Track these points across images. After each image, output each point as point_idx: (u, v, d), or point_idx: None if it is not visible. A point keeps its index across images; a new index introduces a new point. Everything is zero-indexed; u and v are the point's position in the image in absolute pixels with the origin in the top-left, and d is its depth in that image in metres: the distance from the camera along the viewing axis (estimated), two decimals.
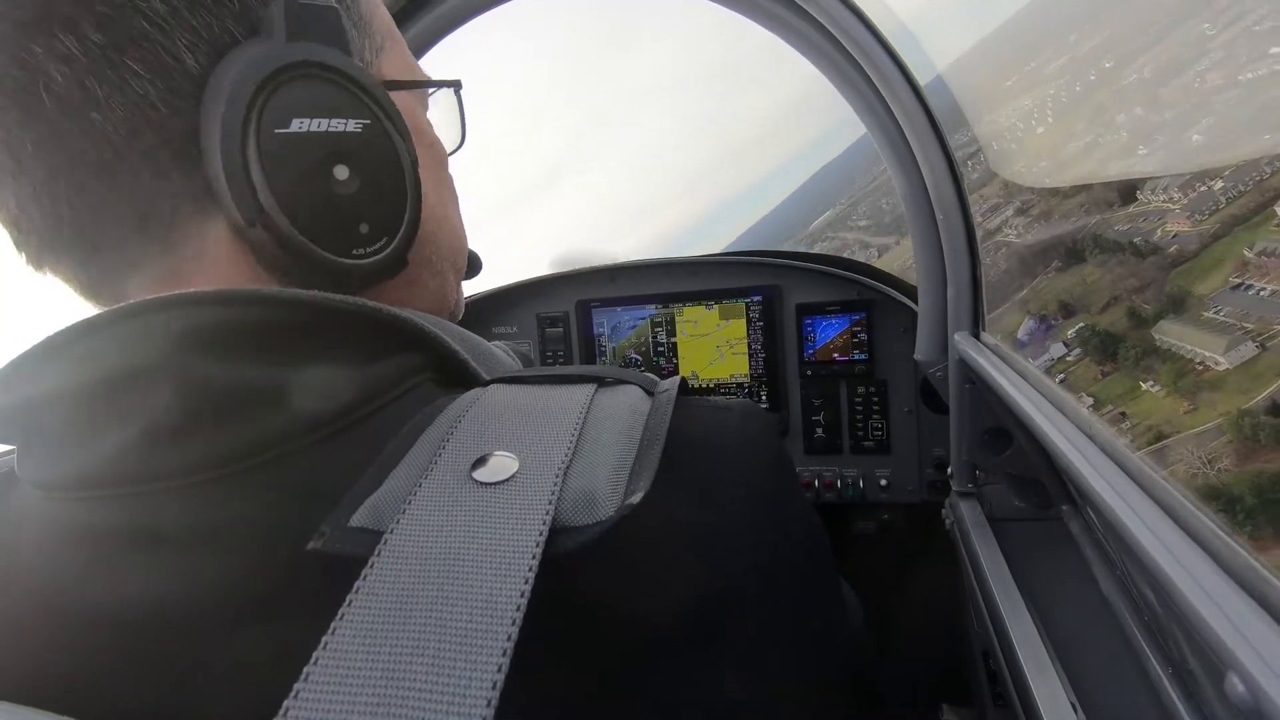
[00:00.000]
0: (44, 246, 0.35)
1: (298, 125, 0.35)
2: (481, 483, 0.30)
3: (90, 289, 0.36)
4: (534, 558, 0.27)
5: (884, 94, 0.96)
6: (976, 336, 1.01)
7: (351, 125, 0.37)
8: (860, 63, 0.95)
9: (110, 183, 0.33)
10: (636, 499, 0.29)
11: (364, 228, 0.38)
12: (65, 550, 0.31)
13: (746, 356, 1.49)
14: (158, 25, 0.32)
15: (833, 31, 0.94)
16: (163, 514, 0.31)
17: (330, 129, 0.36)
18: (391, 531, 0.28)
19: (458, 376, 0.39)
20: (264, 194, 0.34)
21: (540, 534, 0.27)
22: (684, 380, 0.39)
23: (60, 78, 0.31)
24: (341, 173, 0.37)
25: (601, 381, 0.37)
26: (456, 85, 0.47)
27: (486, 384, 0.37)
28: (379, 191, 0.39)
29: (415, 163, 0.41)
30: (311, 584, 0.29)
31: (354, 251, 0.38)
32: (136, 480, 0.31)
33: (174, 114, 0.33)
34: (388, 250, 0.40)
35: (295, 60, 0.35)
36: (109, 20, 0.31)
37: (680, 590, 0.32)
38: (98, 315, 0.31)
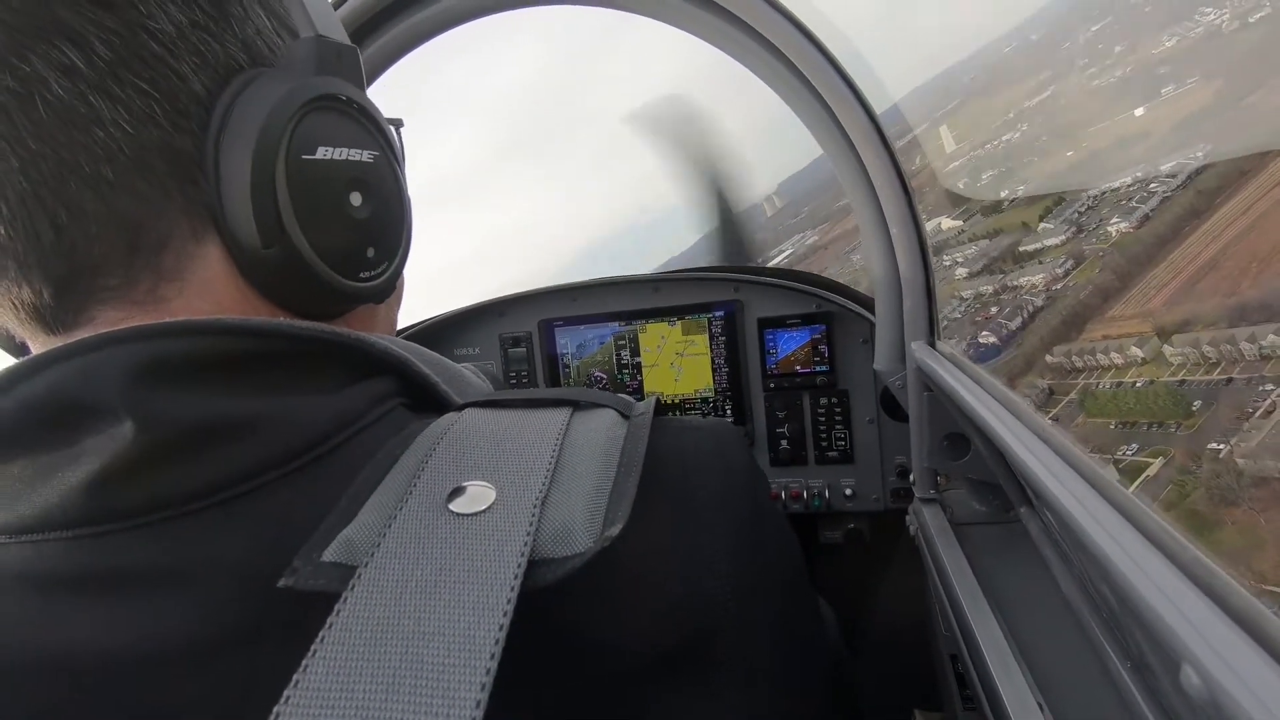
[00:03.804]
0: (4, 267, 0.33)
1: (323, 153, 0.36)
2: (458, 514, 0.29)
3: (52, 316, 0.34)
4: (512, 590, 0.26)
5: (838, 115, 0.99)
6: (932, 345, 1.04)
7: (366, 155, 0.39)
8: (816, 87, 0.97)
9: (106, 200, 0.32)
10: (615, 531, 0.29)
11: (370, 252, 0.40)
12: (14, 597, 0.30)
13: (710, 371, 1.51)
14: (165, 46, 0.32)
15: (793, 60, 0.96)
16: (125, 554, 0.29)
17: (349, 158, 0.38)
18: (366, 565, 0.27)
19: (429, 401, 0.38)
20: (288, 216, 0.35)
21: (519, 566, 0.27)
22: (659, 401, 0.39)
23: (61, 90, 0.30)
24: (356, 199, 0.38)
25: (577, 405, 0.37)
26: (399, 124, 0.50)
27: (460, 408, 0.36)
28: (384, 218, 0.40)
29: (408, 191, 0.43)
30: (284, 620, 0.28)
31: (361, 275, 0.39)
32: (95, 520, 0.29)
33: (178, 133, 0.33)
34: (388, 273, 0.41)
35: (327, 92, 0.36)
36: (117, 38, 0.31)
37: (662, 616, 0.32)
38: (54, 349, 0.30)
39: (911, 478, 1.16)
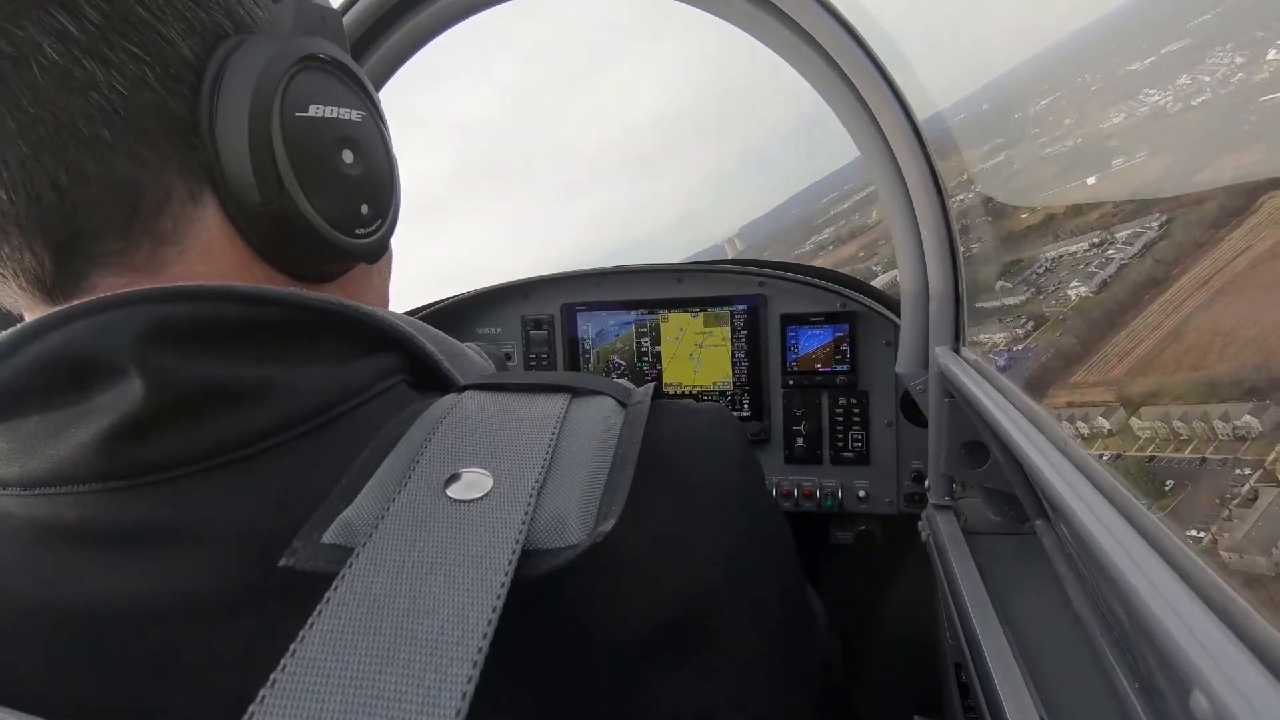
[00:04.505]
0: (6, 232, 0.33)
1: (315, 110, 0.37)
2: (455, 500, 0.30)
3: (53, 283, 0.34)
4: (506, 574, 0.27)
5: (874, 112, 0.97)
6: (957, 351, 1.02)
7: (354, 114, 0.39)
8: (854, 81, 0.96)
9: (105, 162, 0.32)
10: (608, 526, 0.29)
11: (364, 209, 0.40)
12: (27, 548, 0.31)
13: (730, 365, 1.50)
14: (152, 12, 0.33)
15: (838, 61, 0.95)
16: (133, 511, 0.30)
17: (339, 116, 0.38)
18: (364, 545, 0.28)
19: (432, 378, 0.39)
20: (285, 172, 0.35)
21: (513, 552, 0.28)
22: (657, 386, 0.40)
23: (55, 54, 0.31)
24: (348, 156, 0.39)
25: (575, 391, 0.37)
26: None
27: (462, 389, 0.37)
28: (375, 176, 0.41)
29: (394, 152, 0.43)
30: (286, 584, 0.29)
31: (356, 231, 0.40)
32: (104, 477, 0.30)
33: (170, 96, 0.33)
34: (381, 231, 0.42)
35: (314, 52, 0.37)
36: (107, 3, 0.31)
37: (656, 601, 0.32)
38: (63, 310, 0.31)
39: (927, 483, 1.15)
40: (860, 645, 1.60)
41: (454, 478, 0.31)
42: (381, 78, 1.09)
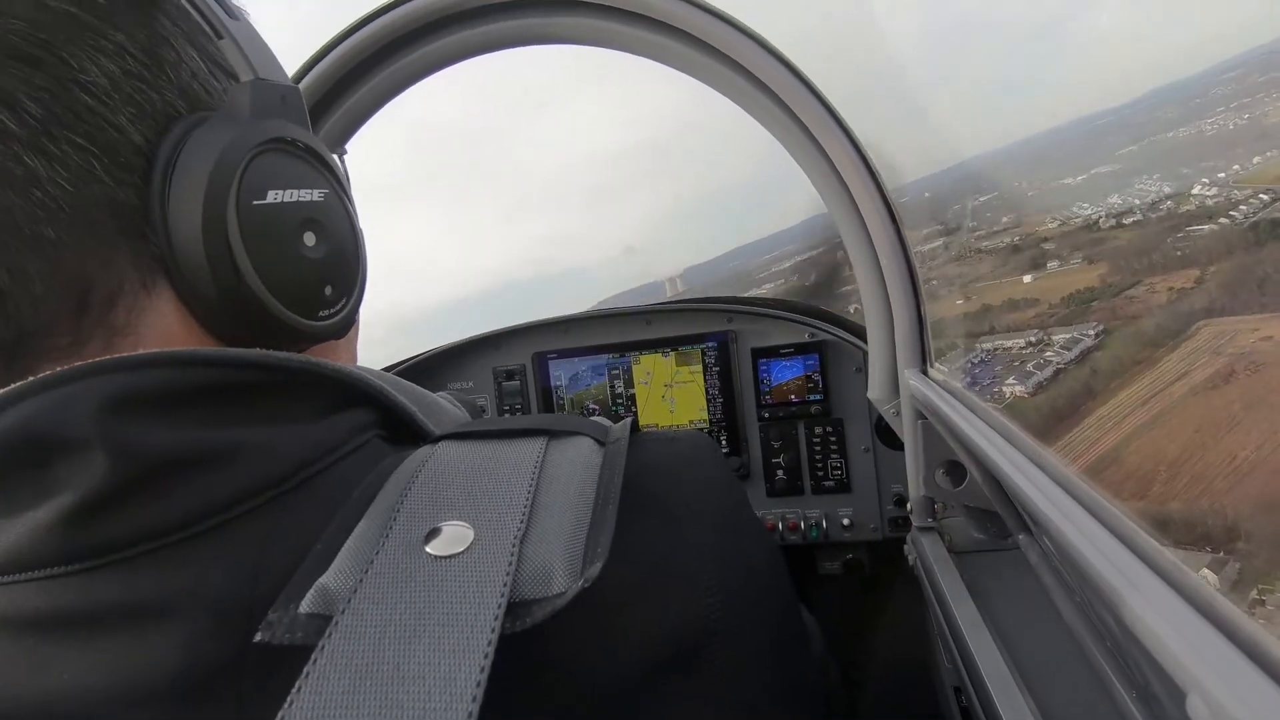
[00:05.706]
0: None
1: (273, 196, 0.36)
2: (436, 556, 0.29)
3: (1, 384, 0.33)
4: (493, 631, 0.26)
5: (822, 144, 1.01)
6: (924, 373, 1.04)
7: (316, 194, 0.38)
8: (795, 112, 0.99)
9: (50, 260, 0.31)
10: (595, 571, 0.29)
11: (328, 290, 0.39)
12: None
13: (704, 402, 1.50)
14: (99, 99, 0.31)
15: (786, 101, 0.98)
16: (101, 592, 0.29)
17: (300, 199, 0.37)
18: (343, 612, 0.27)
19: (405, 430, 0.38)
20: (243, 263, 0.34)
21: (498, 608, 0.27)
22: (634, 421, 0.40)
23: None
24: (310, 239, 0.38)
25: (552, 434, 0.37)
26: (342, 153, 0.50)
27: (436, 440, 0.36)
28: (339, 254, 0.40)
29: (360, 224, 0.43)
30: (263, 661, 0.27)
31: (320, 314, 0.39)
32: (68, 559, 0.29)
33: (120, 186, 0.32)
34: (346, 309, 0.41)
35: (273, 136, 0.36)
36: (48, 94, 0.30)
37: (646, 636, 0.32)
38: (26, 384, 0.29)
39: (909, 506, 1.16)
40: (858, 675, 1.57)
41: (434, 532, 0.30)
42: (338, 141, 1.10)
